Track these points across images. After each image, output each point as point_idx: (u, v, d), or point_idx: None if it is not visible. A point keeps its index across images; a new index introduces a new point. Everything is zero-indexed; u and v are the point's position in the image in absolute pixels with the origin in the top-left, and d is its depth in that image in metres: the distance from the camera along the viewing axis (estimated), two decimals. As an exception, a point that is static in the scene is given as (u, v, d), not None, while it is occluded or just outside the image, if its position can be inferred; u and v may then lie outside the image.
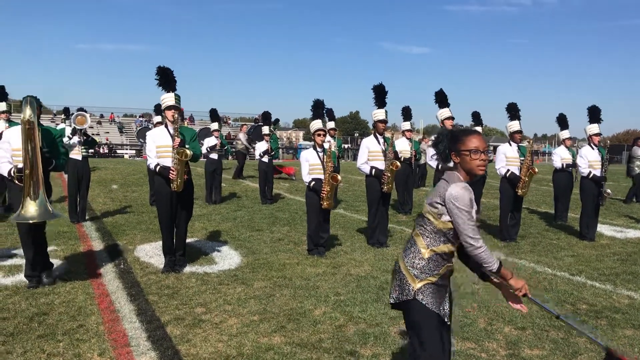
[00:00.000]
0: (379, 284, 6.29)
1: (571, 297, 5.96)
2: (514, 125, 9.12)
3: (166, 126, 6.63)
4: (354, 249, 8.18)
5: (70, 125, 10.00)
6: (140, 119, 53.51)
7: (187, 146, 6.46)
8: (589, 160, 9.35)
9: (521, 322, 5.03)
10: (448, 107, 9.58)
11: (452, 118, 9.49)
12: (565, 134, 10.88)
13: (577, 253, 8.34)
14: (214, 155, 13.29)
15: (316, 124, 7.65)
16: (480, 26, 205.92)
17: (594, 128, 9.43)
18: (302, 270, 6.89)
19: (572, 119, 10.70)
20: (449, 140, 3.01)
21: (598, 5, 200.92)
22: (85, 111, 10.19)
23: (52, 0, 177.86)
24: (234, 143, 30.89)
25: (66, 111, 17.54)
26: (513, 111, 9.19)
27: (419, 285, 2.98)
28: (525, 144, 9.31)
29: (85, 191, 10.09)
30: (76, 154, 9.87)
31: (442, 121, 9.46)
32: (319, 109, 7.89)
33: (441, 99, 9.68)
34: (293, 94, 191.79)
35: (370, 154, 8.32)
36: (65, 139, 9.74)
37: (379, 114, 8.35)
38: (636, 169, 15.23)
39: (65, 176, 18.25)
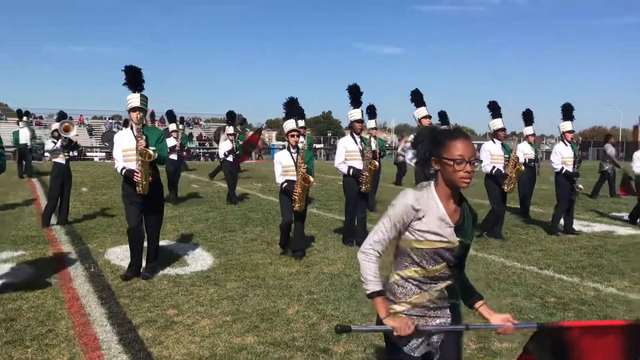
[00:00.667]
0: (351, 281, 6.32)
1: (540, 291, 6.08)
2: (497, 123, 9.23)
3: (132, 128, 6.47)
4: (327, 248, 8.21)
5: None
6: (110, 121, 52.77)
7: (151, 147, 6.29)
8: (563, 157, 9.62)
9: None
10: (424, 105, 9.60)
11: (429, 117, 9.50)
12: (529, 130, 11.09)
13: (546, 247, 8.51)
14: (174, 156, 13.27)
15: (289, 124, 7.45)
16: (450, 26, 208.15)
17: (567, 125, 9.70)
18: (275, 270, 6.89)
19: (538, 116, 10.90)
20: (431, 143, 2.48)
21: (568, 5, 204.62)
22: (65, 116, 10.26)
23: (22, 3, 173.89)
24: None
25: (19, 113, 17.25)
26: (495, 109, 9.31)
27: None
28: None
29: (69, 194, 10.18)
30: (60, 158, 9.93)
31: (420, 120, 9.47)
32: (293, 108, 7.67)
33: (417, 98, 9.73)
34: (265, 94, 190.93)
35: (347, 153, 8.29)
36: (50, 144, 9.82)
37: (355, 114, 8.30)
38: (605, 165, 15.61)
39: (34, 180, 18.00)
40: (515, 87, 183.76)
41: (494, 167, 9.07)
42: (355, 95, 8.36)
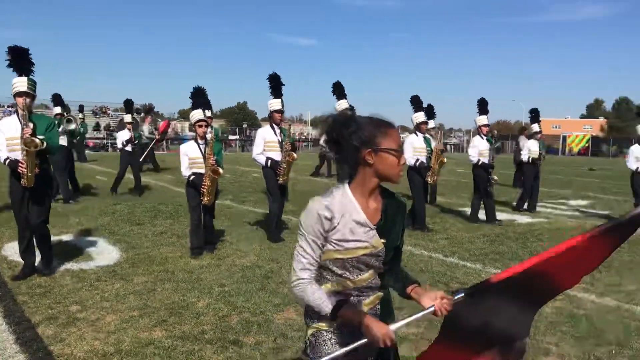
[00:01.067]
0: (264, 272, 6.32)
1: (445, 277, 6.32)
2: (420, 117, 9.44)
3: (18, 115, 5.90)
4: (239, 240, 8.14)
5: None
6: (9, 109, 49.72)
7: (39, 136, 5.79)
8: (480, 150, 10.09)
9: (398, 303, 5.25)
10: (345, 98, 9.64)
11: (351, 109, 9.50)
12: (431, 124, 11.53)
13: (451, 236, 8.86)
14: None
15: (196, 114, 7.14)
16: (365, 19, 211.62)
17: (482, 119, 10.18)
18: (186, 263, 6.76)
19: (446, 110, 11.35)
20: (364, 130, 2.11)
21: (475, 2, 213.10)
22: None
23: None
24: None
25: None
26: (417, 103, 9.51)
27: (309, 332, 2.29)
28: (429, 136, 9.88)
29: None
30: None
31: None
32: (200, 98, 7.41)
33: (339, 91, 9.77)
34: (178, 84, 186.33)
35: (266, 144, 8.06)
36: None
37: (275, 104, 8.05)
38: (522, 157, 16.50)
39: None
40: (424, 81, 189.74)
41: (417, 159, 9.27)
42: (275, 84, 8.12)
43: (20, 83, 5.80)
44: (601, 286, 6.10)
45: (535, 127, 11.92)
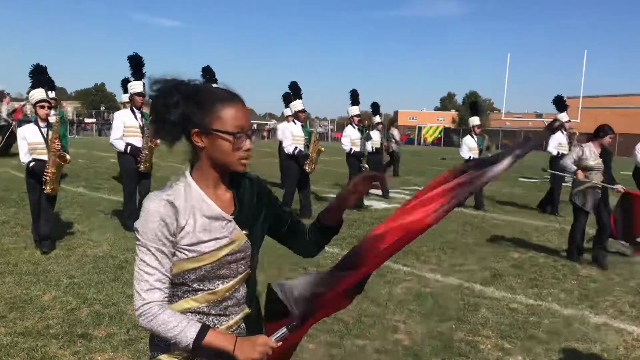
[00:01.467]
0: (118, 263, 6.07)
1: (304, 262, 6.43)
2: (298, 105, 9.48)
3: None
4: (92, 229, 7.72)
5: None
6: None
7: None
8: (352, 139, 10.54)
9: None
10: (216, 82, 9.43)
11: None
12: (287, 112, 11.80)
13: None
14: None
15: (37, 94, 6.33)
16: (231, 2, 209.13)
17: (354, 110, 10.68)
18: (31, 254, 6.30)
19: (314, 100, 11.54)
20: (190, 104, 1.64)
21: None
22: None
23: None
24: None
25: None
26: (296, 91, 9.56)
27: None
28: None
29: None
30: None
31: None
32: (40, 75, 6.58)
33: (210, 76, 9.53)
34: (29, 63, 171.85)
35: (126, 129, 7.57)
36: None
37: (136, 86, 7.58)
38: (392, 146, 17.25)
39: None
40: (291, 68, 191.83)
41: (296, 147, 9.30)
42: (136, 66, 7.68)
43: None
44: (446, 266, 6.59)
45: (376, 119, 13.03)
